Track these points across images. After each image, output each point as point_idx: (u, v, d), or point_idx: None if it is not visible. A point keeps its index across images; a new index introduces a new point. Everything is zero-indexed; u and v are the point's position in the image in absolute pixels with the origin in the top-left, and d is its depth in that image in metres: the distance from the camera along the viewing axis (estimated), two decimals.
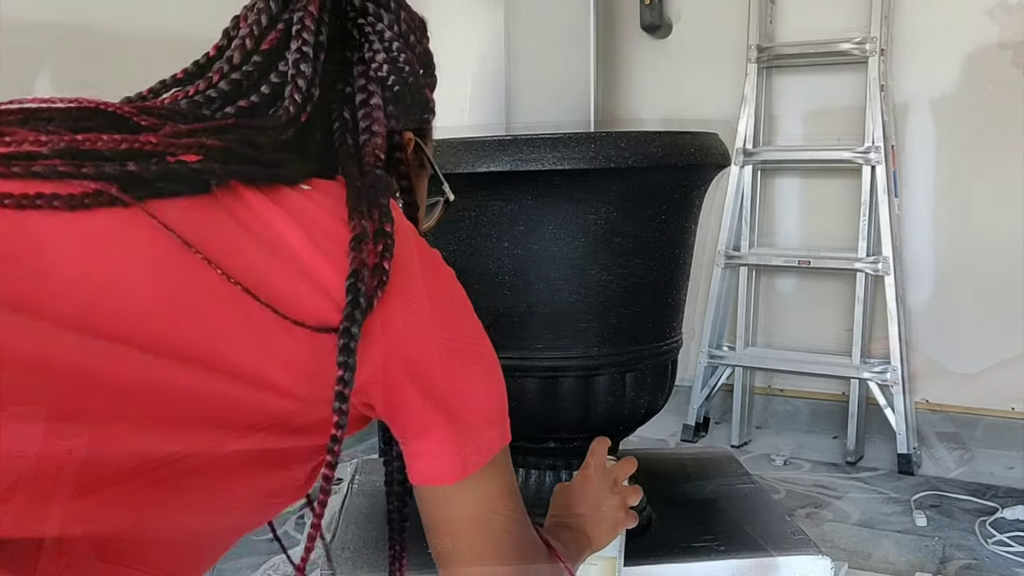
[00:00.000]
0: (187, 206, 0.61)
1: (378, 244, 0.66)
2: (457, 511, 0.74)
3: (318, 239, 0.65)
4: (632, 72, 3.19)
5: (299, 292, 0.63)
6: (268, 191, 0.66)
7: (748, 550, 1.46)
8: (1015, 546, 2.01)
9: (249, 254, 0.62)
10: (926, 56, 2.74)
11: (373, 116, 0.75)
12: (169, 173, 0.61)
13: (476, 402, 0.74)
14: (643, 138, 1.37)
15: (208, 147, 0.64)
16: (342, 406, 0.63)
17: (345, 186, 0.71)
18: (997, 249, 2.69)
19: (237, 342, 0.59)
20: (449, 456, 0.71)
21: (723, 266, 2.86)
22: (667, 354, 1.53)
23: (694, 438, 2.90)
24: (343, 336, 0.62)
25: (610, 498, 1.06)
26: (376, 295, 0.64)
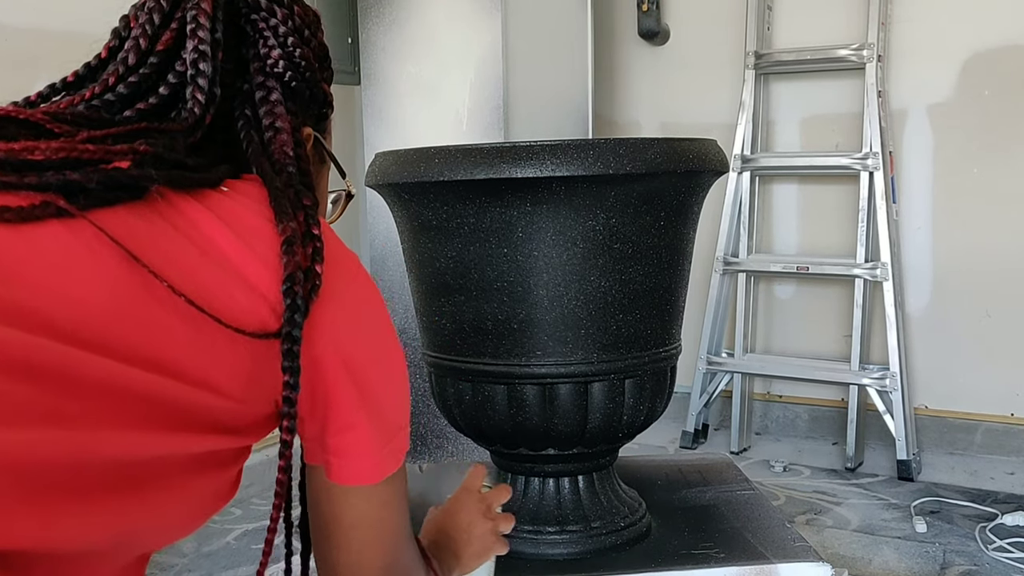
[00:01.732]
0: (126, 213, 0.61)
1: (307, 247, 0.67)
2: (357, 512, 0.74)
3: (247, 239, 0.65)
4: (630, 79, 3.19)
5: (234, 295, 0.63)
6: (195, 194, 0.66)
7: (748, 557, 1.46)
8: (1015, 552, 2.01)
9: (186, 260, 0.62)
10: (923, 63, 2.75)
11: (275, 112, 0.75)
12: (110, 181, 0.61)
13: (396, 404, 0.74)
14: (641, 145, 1.37)
15: (141, 153, 0.64)
16: (291, 410, 0.64)
17: (259, 184, 0.71)
18: (995, 254, 2.69)
19: (182, 346, 0.60)
20: (369, 456, 0.71)
21: (721, 272, 2.86)
22: (666, 360, 1.53)
23: (693, 445, 2.90)
24: (286, 341, 0.63)
25: (482, 523, 1.07)
26: (311, 299, 0.65)
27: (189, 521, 0.67)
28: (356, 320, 0.71)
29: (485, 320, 1.44)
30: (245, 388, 0.64)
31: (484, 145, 1.36)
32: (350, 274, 0.72)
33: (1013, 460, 2.69)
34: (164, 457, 0.60)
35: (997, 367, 2.73)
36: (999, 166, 2.68)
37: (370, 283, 0.75)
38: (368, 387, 0.70)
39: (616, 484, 1.62)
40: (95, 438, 0.55)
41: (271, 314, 0.64)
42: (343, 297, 0.70)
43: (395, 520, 0.76)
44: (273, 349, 0.63)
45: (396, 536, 0.77)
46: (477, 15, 2.52)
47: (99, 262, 0.58)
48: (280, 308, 0.64)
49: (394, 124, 2.63)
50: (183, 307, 0.59)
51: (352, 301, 0.71)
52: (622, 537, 1.53)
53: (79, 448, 0.54)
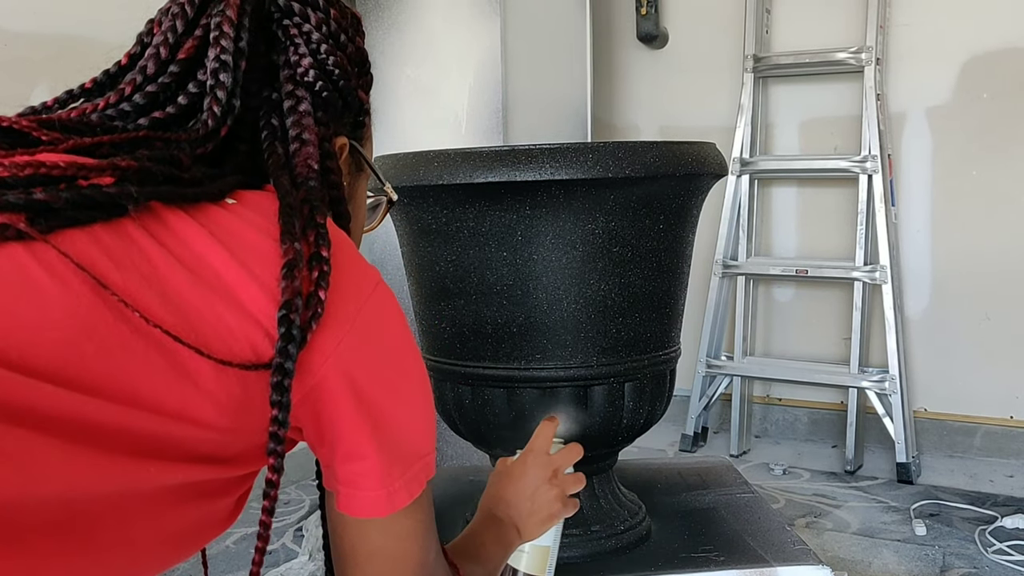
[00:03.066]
0: (102, 232, 0.58)
1: (313, 270, 0.63)
2: (374, 544, 0.71)
3: (244, 259, 0.62)
4: (629, 82, 3.19)
5: (225, 321, 0.60)
6: (189, 209, 0.63)
7: (748, 560, 1.46)
8: (1015, 555, 2.01)
9: (171, 281, 0.59)
10: (921, 66, 2.75)
11: (303, 124, 0.71)
12: (81, 200, 0.57)
13: (413, 432, 0.70)
14: (640, 148, 1.37)
15: (122, 168, 0.60)
16: (277, 447, 0.61)
17: (275, 198, 0.67)
18: (994, 256, 2.70)
19: (157, 378, 0.56)
20: (376, 488, 0.67)
21: (721, 275, 2.86)
22: (666, 364, 1.53)
23: (693, 448, 2.90)
24: (276, 373, 0.59)
25: (547, 489, 1.01)
26: (310, 328, 0.61)
27: (173, 552, 0.64)
28: (366, 343, 0.66)
29: (484, 324, 1.44)
30: (234, 418, 0.60)
31: (483, 149, 1.37)
32: (364, 294, 0.67)
33: (1013, 463, 2.69)
34: (126, 491, 0.56)
35: (996, 370, 2.73)
36: (998, 168, 2.68)
37: (387, 303, 0.70)
38: (379, 415, 0.66)
39: (616, 487, 1.61)
40: (32, 475, 0.51)
41: (265, 340, 0.60)
42: (354, 319, 0.65)
43: (415, 552, 0.72)
44: (267, 378, 0.60)
45: (417, 568, 0.73)
46: (476, 19, 2.52)
47: (64, 287, 0.54)
48: (276, 334, 0.60)
49: (393, 127, 2.64)
50: (160, 334, 0.56)
51: (364, 323, 0.66)
52: (621, 540, 1.53)
53: (8, 486, 0.50)
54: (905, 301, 2.80)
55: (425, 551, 0.73)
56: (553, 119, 2.70)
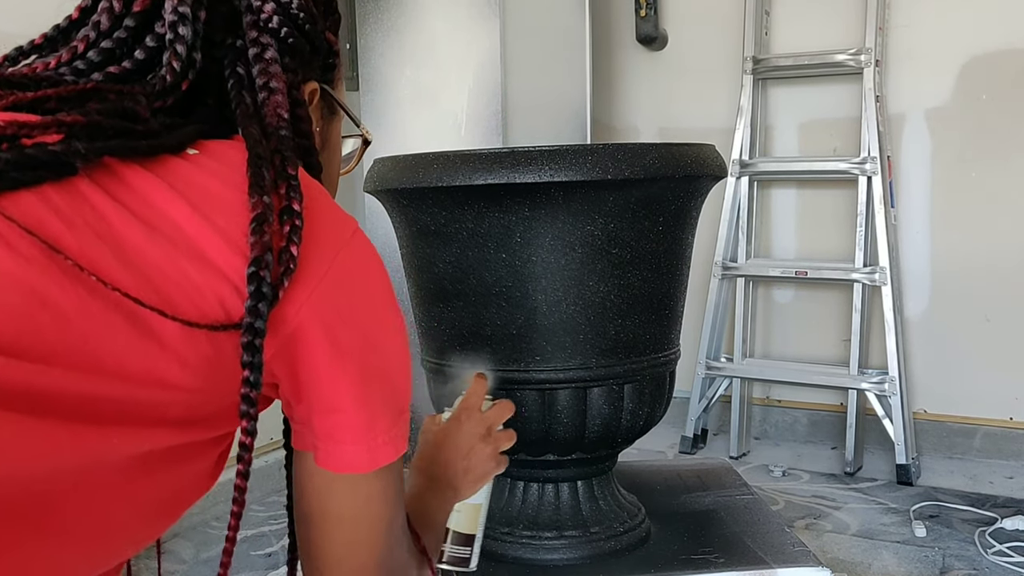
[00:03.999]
0: (52, 192, 0.55)
1: (284, 224, 0.60)
2: (344, 506, 0.68)
3: (207, 212, 0.59)
4: (628, 84, 3.20)
5: (190, 277, 0.57)
6: (147, 163, 0.60)
7: (747, 562, 1.46)
8: (1015, 556, 2.01)
9: (128, 239, 0.56)
10: (921, 67, 2.75)
11: (270, 72, 0.68)
12: (25, 160, 0.54)
13: (388, 383, 0.67)
14: (639, 150, 1.37)
15: (68, 124, 0.57)
16: (250, 409, 0.58)
17: (242, 148, 0.64)
18: (994, 258, 2.70)
19: (118, 340, 0.54)
20: (357, 441, 0.65)
21: (720, 277, 2.86)
22: (665, 365, 1.53)
23: (692, 450, 2.90)
24: (247, 333, 0.57)
25: (482, 447, 1.00)
26: (282, 285, 0.58)
27: (149, 526, 0.62)
28: (341, 291, 0.63)
29: (484, 326, 1.44)
30: (205, 378, 0.58)
31: (483, 151, 1.37)
32: (339, 242, 0.64)
33: (1012, 464, 2.69)
34: (91, 464, 0.54)
35: (996, 371, 2.73)
36: (997, 170, 2.68)
37: (364, 251, 0.66)
38: (357, 364, 0.63)
39: (615, 489, 1.61)
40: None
41: (235, 296, 0.58)
42: (328, 267, 0.62)
43: (386, 516, 0.70)
44: (238, 336, 0.57)
45: (386, 533, 0.70)
46: (476, 21, 2.52)
47: (11, 252, 0.51)
48: (246, 291, 0.57)
49: (393, 130, 2.64)
50: (119, 299, 0.53)
51: (339, 271, 0.63)
52: (621, 542, 1.53)
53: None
54: (905, 302, 2.80)
55: (395, 515, 0.71)
56: (552, 121, 2.70)
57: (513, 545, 1.52)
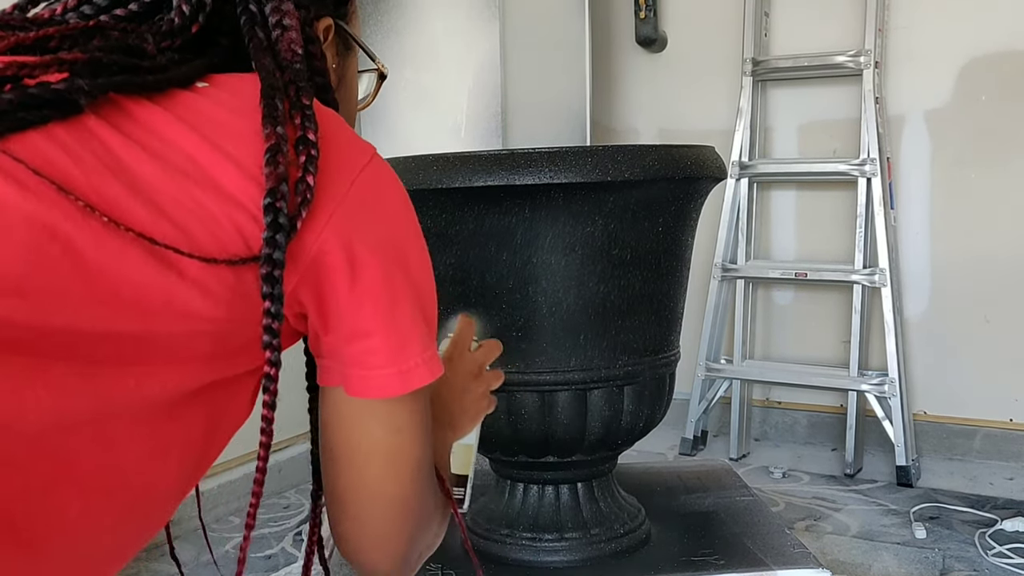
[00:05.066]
0: (60, 130, 0.54)
1: (300, 155, 0.59)
2: (374, 439, 0.67)
3: (218, 142, 0.58)
4: (627, 86, 3.20)
5: (206, 207, 0.56)
6: (155, 97, 0.59)
7: (747, 564, 1.46)
8: (1015, 558, 2.01)
9: (140, 172, 0.55)
10: (920, 69, 2.75)
11: (283, 9, 0.67)
12: (29, 100, 0.54)
13: (418, 305, 0.66)
14: (639, 151, 1.37)
15: (69, 62, 0.56)
16: (273, 341, 0.58)
17: (254, 81, 0.63)
18: (993, 259, 2.70)
19: (136, 273, 0.53)
20: (387, 365, 0.64)
21: (720, 279, 2.86)
22: (665, 367, 1.53)
23: (692, 451, 2.90)
24: (265, 264, 0.56)
25: (474, 386, 0.98)
26: (299, 215, 0.58)
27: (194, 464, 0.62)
28: (361, 213, 0.62)
29: (484, 328, 1.44)
30: (229, 307, 0.57)
31: (482, 152, 1.37)
32: (357, 167, 0.64)
33: (1012, 465, 2.69)
34: (111, 410, 0.54)
35: (996, 372, 2.73)
36: (997, 171, 2.69)
37: (383, 175, 0.66)
38: (383, 289, 0.63)
39: (615, 491, 1.61)
40: (26, 394, 0.49)
41: (253, 224, 0.57)
42: (346, 192, 0.62)
43: (415, 451, 0.68)
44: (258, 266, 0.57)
45: (416, 469, 0.69)
46: (475, 23, 2.53)
47: (22, 190, 0.51)
48: (262, 217, 0.57)
49: (393, 131, 2.64)
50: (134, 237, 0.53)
51: (357, 194, 0.63)
52: (621, 544, 1.53)
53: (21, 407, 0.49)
54: (904, 304, 2.80)
55: (424, 452, 0.70)
56: (552, 123, 2.70)
57: (513, 547, 1.52)
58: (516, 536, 1.53)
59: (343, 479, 0.68)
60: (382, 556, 0.71)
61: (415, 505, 0.70)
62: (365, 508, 0.69)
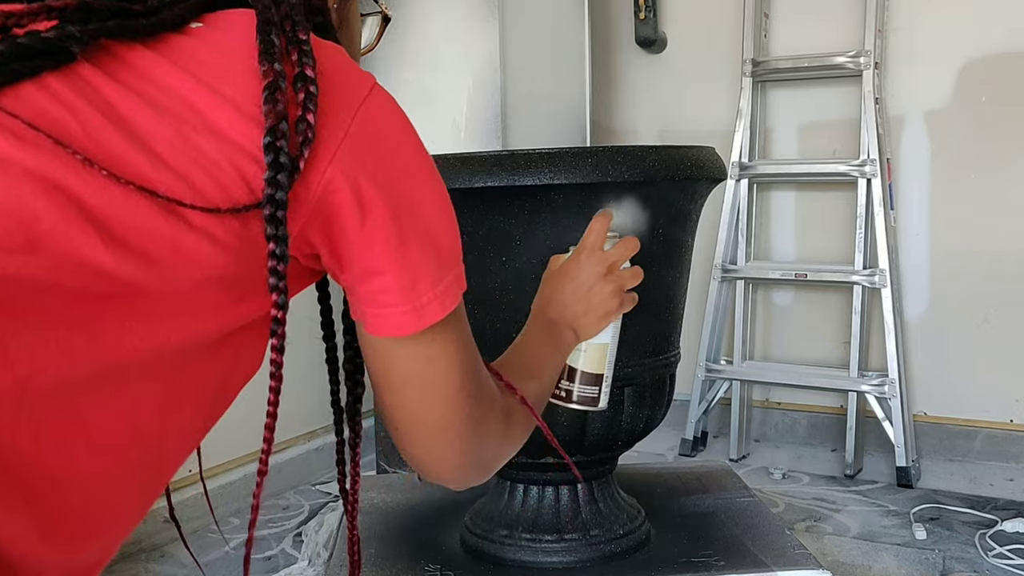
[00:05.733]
0: (53, 80, 0.53)
1: (298, 92, 0.58)
2: (406, 368, 0.67)
3: (214, 84, 0.57)
4: (627, 87, 3.20)
5: (205, 152, 0.55)
6: (148, 41, 0.58)
7: (748, 565, 1.46)
8: (1015, 559, 2.00)
9: (137, 119, 0.54)
10: (920, 70, 2.76)
11: None
12: (20, 50, 0.52)
13: (428, 237, 0.64)
14: (639, 152, 1.37)
15: (58, 9, 0.55)
16: (279, 283, 0.57)
17: (249, 16, 0.62)
18: (993, 260, 2.70)
19: (145, 223, 0.53)
20: (400, 303, 0.63)
21: (720, 280, 2.86)
22: (665, 368, 1.53)
23: (692, 452, 2.90)
24: (269, 205, 0.55)
25: (602, 285, 0.95)
26: (301, 155, 0.57)
27: (212, 407, 0.62)
28: (365, 149, 0.61)
29: (483, 329, 1.43)
30: (238, 252, 0.56)
31: (482, 153, 1.37)
32: (357, 99, 0.62)
33: (1012, 466, 2.69)
34: (120, 367, 0.54)
35: (996, 373, 2.73)
36: (996, 172, 2.69)
37: (384, 106, 0.65)
38: (392, 225, 0.61)
39: (615, 492, 1.61)
40: (42, 344, 0.50)
41: (255, 167, 0.56)
42: (349, 125, 0.60)
43: (453, 376, 0.68)
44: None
45: (452, 394, 0.69)
46: (474, 23, 2.52)
47: (19, 142, 0.50)
48: (263, 158, 0.56)
49: None
50: (134, 175, 0.52)
51: (360, 127, 0.61)
52: (621, 545, 1.53)
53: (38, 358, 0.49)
54: (904, 305, 2.80)
55: (463, 374, 0.69)
56: (552, 123, 2.70)
57: (513, 548, 1.52)
58: (515, 537, 1.53)
59: (387, 401, 0.70)
60: (441, 469, 0.74)
61: (461, 424, 0.71)
62: (411, 428, 0.71)
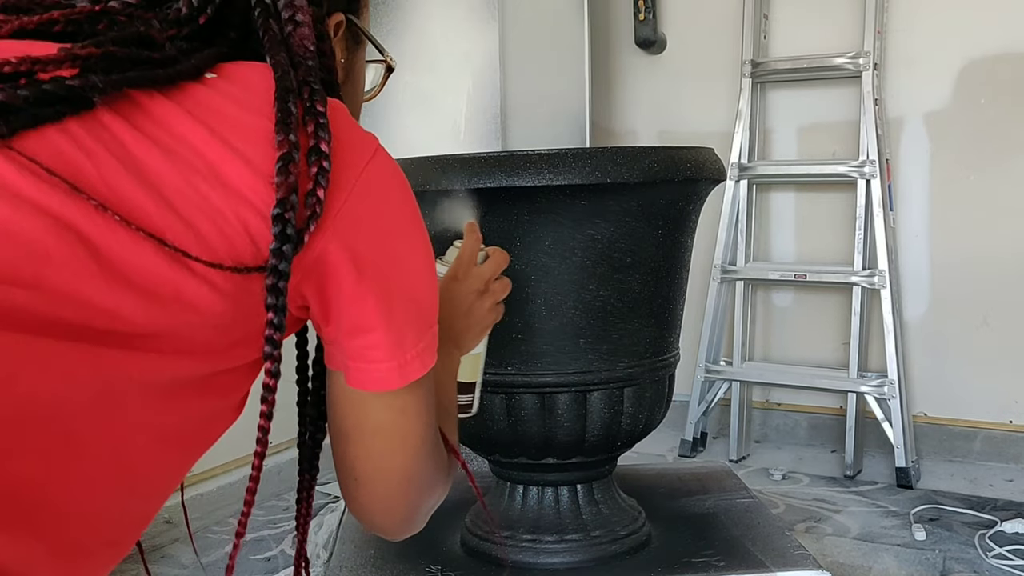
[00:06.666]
0: (74, 126, 0.55)
1: (312, 165, 0.59)
2: (378, 420, 0.69)
3: (226, 136, 0.59)
4: (627, 88, 3.20)
5: (212, 202, 0.57)
6: (166, 90, 0.60)
7: (748, 565, 1.46)
8: (1015, 559, 2.00)
9: (150, 166, 0.56)
10: (919, 70, 2.76)
11: (295, 5, 0.67)
12: (43, 96, 0.54)
13: (415, 300, 0.67)
14: (639, 153, 1.37)
15: (83, 57, 0.56)
16: (273, 352, 0.59)
17: (263, 71, 0.64)
18: (993, 261, 2.70)
19: (149, 265, 0.54)
20: (386, 359, 0.65)
21: (719, 280, 2.86)
22: (665, 369, 1.53)
23: (692, 453, 2.90)
24: (271, 275, 0.57)
25: (481, 302, 0.98)
26: (308, 228, 0.58)
27: (175, 454, 0.63)
28: (365, 211, 0.63)
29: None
30: (236, 302, 0.58)
31: (482, 154, 1.37)
32: (361, 162, 0.64)
33: (1012, 467, 2.69)
34: (113, 389, 0.55)
35: (995, 374, 2.73)
36: (996, 173, 2.69)
37: (386, 169, 0.66)
38: (383, 284, 0.64)
39: (615, 493, 1.61)
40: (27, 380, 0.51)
41: (259, 220, 0.58)
42: (351, 188, 0.62)
43: (419, 429, 0.71)
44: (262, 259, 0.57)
45: (418, 444, 0.72)
46: (474, 25, 2.52)
47: (35, 180, 0.52)
48: (270, 214, 0.57)
49: (391, 134, 2.64)
50: (146, 222, 0.54)
51: (361, 191, 0.63)
52: (622, 546, 1.53)
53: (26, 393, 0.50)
54: (904, 306, 2.80)
55: (428, 427, 0.73)
56: (551, 124, 2.70)
57: (514, 549, 1.52)
58: (516, 538, 1.53)
59: (351, 452, 0.71)
60: (389, 519, 0.76)
61: (420, 475, 0.74)
62: (372, 478, 0.72)
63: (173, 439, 0.61)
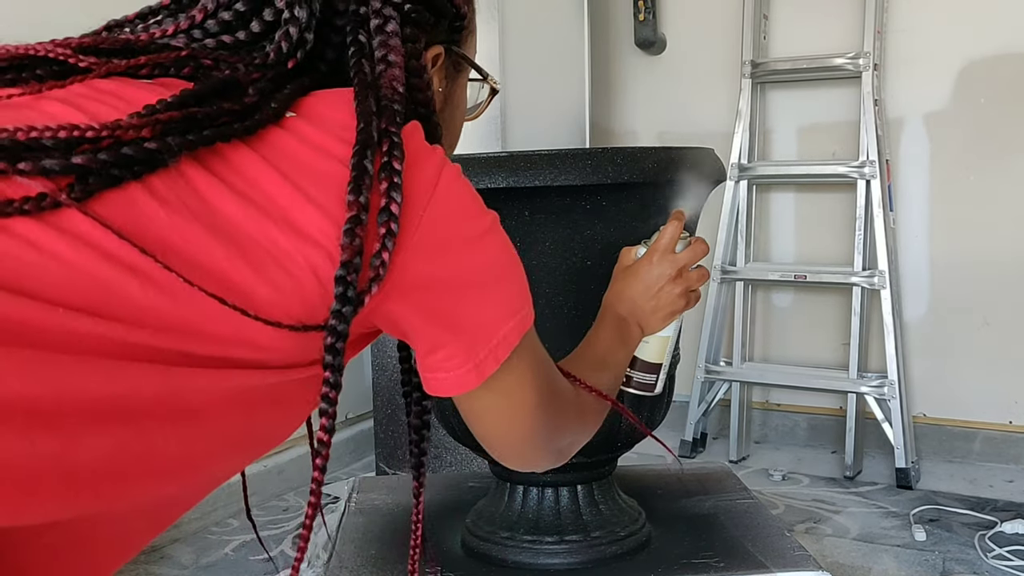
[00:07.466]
0: (154, 179, 0.57)
1: (381, 226, 0.60)
2: (482, 405, 0.73)
3: (298, 181, 0.60)
4: (626, 88, 3.20)
5: (280, 245, 0.58)
6: (244, 137, 0.61)
7: (748, 566, 1.46)
8: (1015, 560, 2.00)
9: (222, 211, 0.57)
10: (919, 71, 2.76)
11: (389, 44, 0.69)
12: (122, 161, 0.56)
13: (485, 315, 0.68)
14: (639, 154, 1.37)
15: (163, 122, 0.58)
16: (329, 408, 0.60)
17: (342, 105, 0.65)
18: (993, 261, 2.70)
19: (212, 310, 0.55)
20: (461, 365, 0.67)
21: (719, 281, 2.86)
22: None
23: (692, 454, 2.90)
24: (330, 335, 0.58)
25: (672, 286, 1.02)
26: (369, 291, 0.59)
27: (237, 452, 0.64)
28: (435, 234, 0.64)
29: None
30: (295, 339, 0.59)
31: (481, 155, 1.37)
32: (429, 188, 0.64)
33: (1012, 468, 2.69)
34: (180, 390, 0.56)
35: (995, 375, 2.73)
36: (996, 174, 2.69)
37: (451, 183, 0.66)
38: (452, 309, 0.65)
39: (615, 493, 1.61)
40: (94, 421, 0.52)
41: (327, 263, 0.58)
42: (421, 216, 0.63)
43: (527, 398, 0.74)
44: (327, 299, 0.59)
45: (529, 414, 0.75)
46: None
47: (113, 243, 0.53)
48: (338, 255, 0.58)
49: None
50: (210, 264, 0.56)
51: (431, 216, 0.63)
52: (622, 547, 1.53)
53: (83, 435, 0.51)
54: (904, 306, 2.80)
55: (538, 392, 0.75)
56: (551, 125, 2.70)
57: (514, 550, 1.52)
58: (516, 539, 1.52)
59: (474, 430, 0.77)
60: (529, 466, 0.84)
61: (543, 432, 0.79)
62: (500, 444, 0.79)
63: (228, 442, 0.62)
